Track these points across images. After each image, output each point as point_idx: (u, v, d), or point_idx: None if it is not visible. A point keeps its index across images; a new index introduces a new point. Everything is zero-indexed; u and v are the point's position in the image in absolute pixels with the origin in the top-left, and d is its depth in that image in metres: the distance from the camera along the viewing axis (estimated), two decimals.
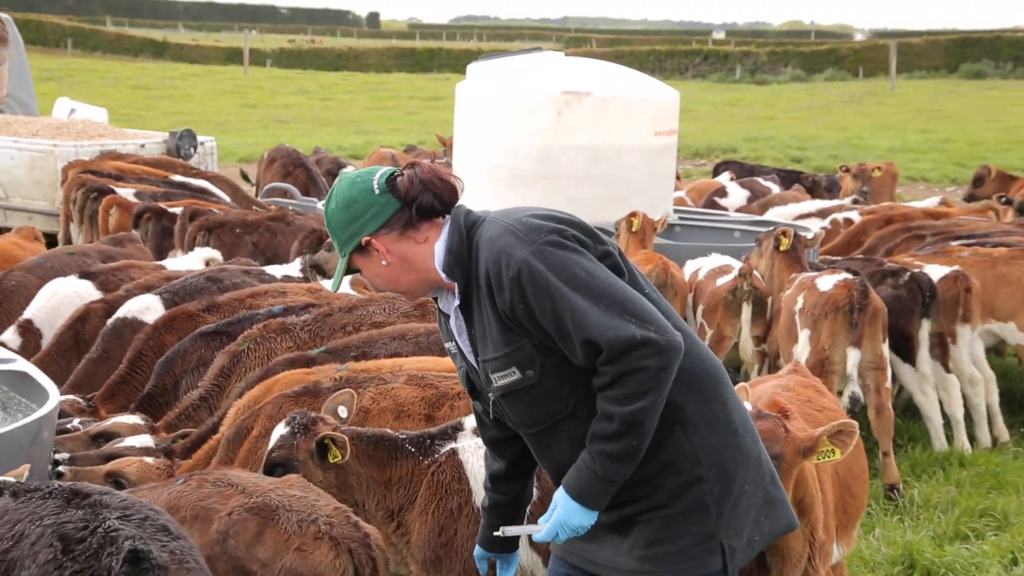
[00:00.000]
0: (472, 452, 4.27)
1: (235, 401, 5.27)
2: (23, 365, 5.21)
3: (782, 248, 7.85)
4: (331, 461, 4.09)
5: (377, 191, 3.25)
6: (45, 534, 2.97)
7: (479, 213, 3.32)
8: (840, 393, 6.85)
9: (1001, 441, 7.92)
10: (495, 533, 3.59)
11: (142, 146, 13.20)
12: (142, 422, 5.49)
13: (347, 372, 5.12)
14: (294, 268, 7.60)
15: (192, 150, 13.48)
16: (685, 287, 8.53)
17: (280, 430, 4.20)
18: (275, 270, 7.56)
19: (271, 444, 4.18)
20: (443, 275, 3.27)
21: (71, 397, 6.01)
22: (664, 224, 9.21)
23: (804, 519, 3.95)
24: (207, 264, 7.89)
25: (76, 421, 5.67)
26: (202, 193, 10.97)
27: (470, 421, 4.36)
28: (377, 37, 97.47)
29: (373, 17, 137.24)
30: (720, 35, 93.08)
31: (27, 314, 7.04)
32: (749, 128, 31.55)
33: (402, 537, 4.27)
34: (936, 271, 7.92)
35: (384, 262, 3.29)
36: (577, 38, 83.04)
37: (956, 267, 8.04)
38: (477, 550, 3.74)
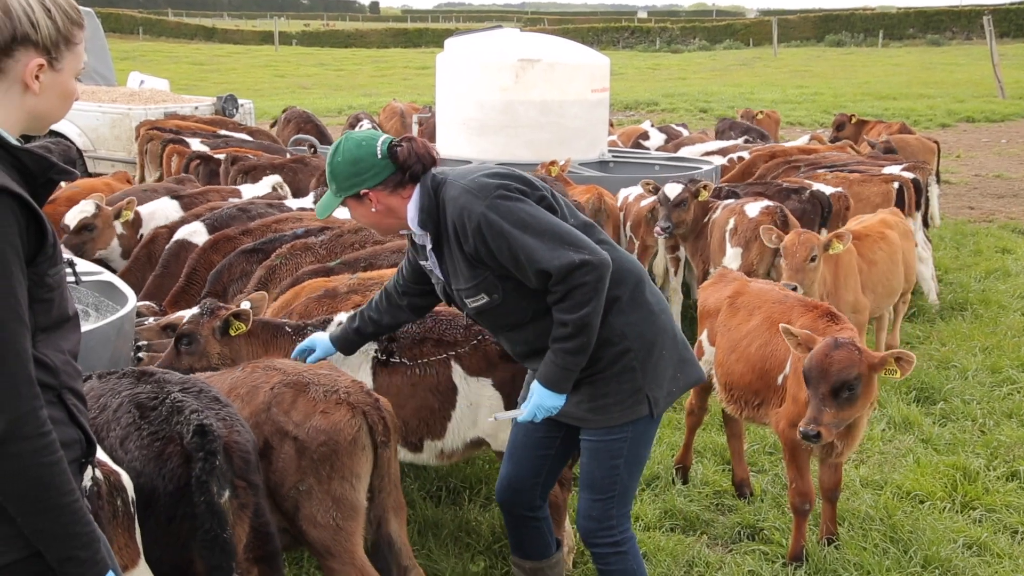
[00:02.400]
0: None
1: (272, 304, 5.22)
2: (108, 276, 5.12)
3: (701, 199, 7.51)
4: (233, 334, 4.00)
5: (380, 156, 3.22)
6: (124, 403, 2.96)
7: (440, 175, 3.27)
8: None
9: None
10: (489, 419, 3.74)
11: (196, 108, 13.03)
12: None
13: (358, 280, 5.04)
14: (308, 201, 7.51)
15: (235, 110, 13.31)
16: (616, 212, 8.26)
17: (192, 311, 4.10)
18: (292, 203, 7.44)
19: (184, 320, 4.06)
20: (417, 228, 3.27)
21: (147, 303, 5.95)
22: (568, 166, 8.93)
23: (871, 409, 4.11)
24: (273, 188, 7.88)
25: (151, 320, 5.62)
26: (242, 143, 10.83)
27: (340, 316, 4.21)
28: (378, 21, 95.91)
29: (374, 5, 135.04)
30: (643, 14, 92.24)
31: None
32: (667, 86, 31.32)
33: None
34: (826, 189, 7.77)
35: (373, 209, 3.27)
36: (533, 19, 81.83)
37: (840, 188, 7.96)
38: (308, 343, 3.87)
